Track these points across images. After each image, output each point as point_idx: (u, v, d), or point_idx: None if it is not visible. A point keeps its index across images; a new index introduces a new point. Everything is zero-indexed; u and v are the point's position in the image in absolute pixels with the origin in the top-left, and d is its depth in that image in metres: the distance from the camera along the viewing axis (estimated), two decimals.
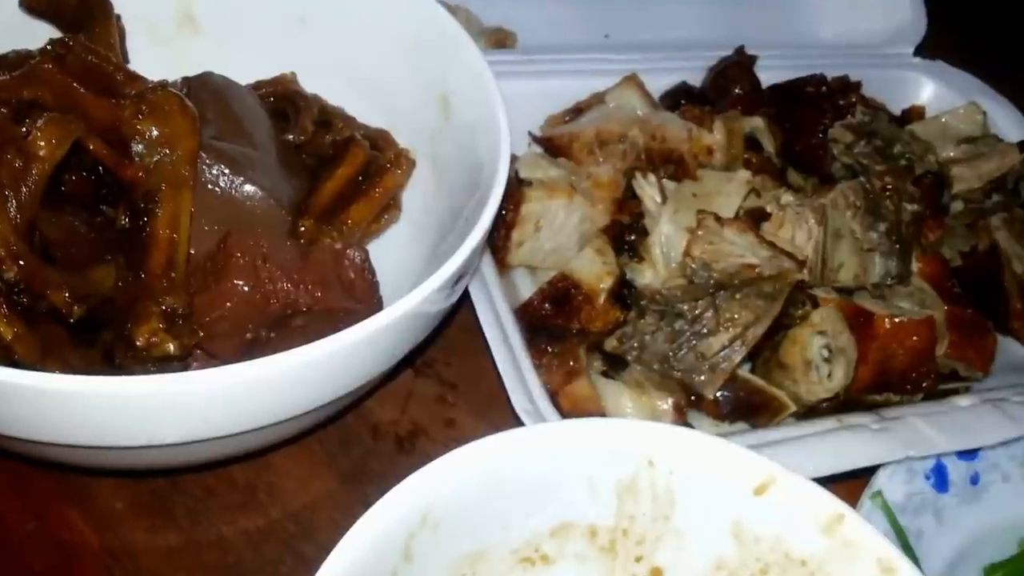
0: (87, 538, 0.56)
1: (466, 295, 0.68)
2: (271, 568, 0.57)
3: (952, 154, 0.80)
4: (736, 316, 0.65)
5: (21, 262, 0.45)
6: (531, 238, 0.71)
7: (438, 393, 0.68)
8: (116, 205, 0.52)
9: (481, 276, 0.66)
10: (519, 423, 0.60)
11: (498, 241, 0.71)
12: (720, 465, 0.52)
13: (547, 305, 0.66)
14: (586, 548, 0.54)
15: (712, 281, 0.65)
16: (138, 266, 0.49)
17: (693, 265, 0.66)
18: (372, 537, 0.46)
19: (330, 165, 0.63)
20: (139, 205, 0.50)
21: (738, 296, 0.65)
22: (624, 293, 0.69)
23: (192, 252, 0.54)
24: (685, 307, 0.65)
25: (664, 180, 0.73)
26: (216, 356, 0.53)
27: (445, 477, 0.48)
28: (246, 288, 0.51)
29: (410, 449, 0.64)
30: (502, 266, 0.71)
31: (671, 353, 0.66)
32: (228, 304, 0.52)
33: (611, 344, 0.67)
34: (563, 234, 0.72)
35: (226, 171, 0.55)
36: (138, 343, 0.47)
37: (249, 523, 0.59)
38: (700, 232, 0.67)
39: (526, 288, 0.72)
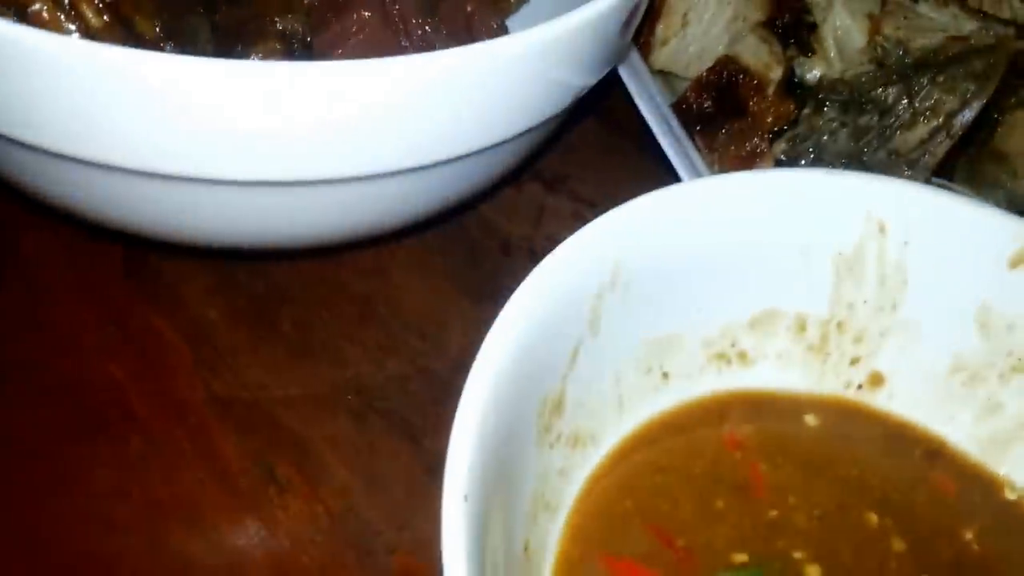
0: (177, 347, 0.48)
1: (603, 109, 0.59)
2: (397, 385, 0.48)
3: None
4: (938, 103, 0.55)
5: None
6: (677, 35, 0.62)
7: (573, 209, 0.59)
8: None
9: (632, 66, 0.57)
10: None
11: (640, 38, 0.61)
12: (968, 232, 0.42)
13: (707, 97, 0.57)
14: (791, 345, 0.45)
15: (909, 61, 0.55)
16: None
17: (885, 45, 0.56)
18: (557, 290, 0.36)
19: None
20: None
21: (940, 79, 0.55)
22: (794, 93, 0.59)
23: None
24: (877, 93, 0.55)
25: None
26: None
27: (638, 222, 0.39)
28: (373, 18, 0.42)
29: None
30: None
31: (857, 153, 0.56)
32: (353, 40, 0.42)
33: (780, 148, 0.57)
34: (711, 34, 0.63)
35: None
36: None
37: (368, 337, 0.50)
38: (889, 9, 0.57)
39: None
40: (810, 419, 0.44)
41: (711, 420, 0.43)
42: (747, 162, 0.53)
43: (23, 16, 0.41)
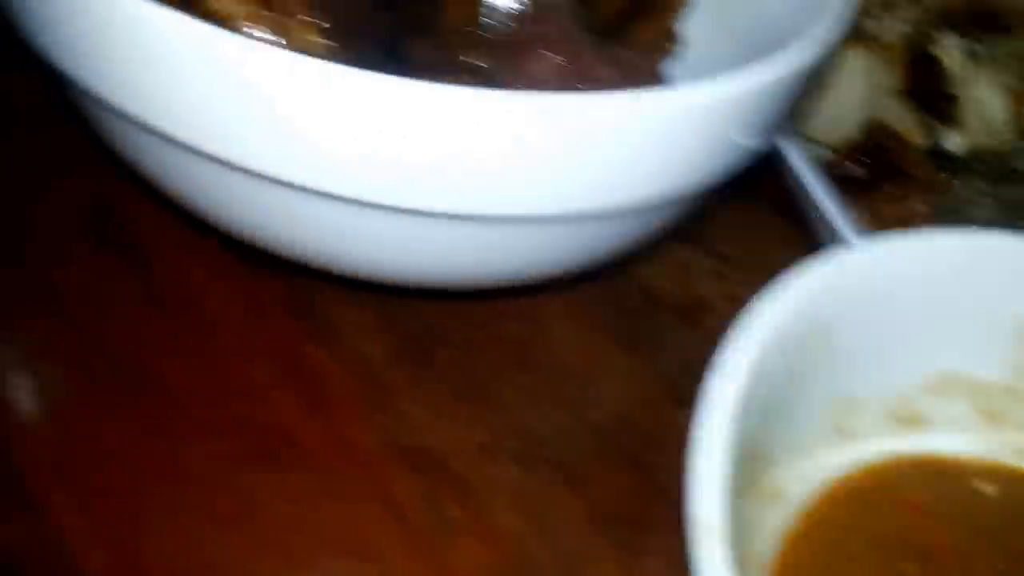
0: (342, 383, 0.48)
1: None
2: (559, 433, 0.48)
3: None
4: None
5: None
6: (816, 100, 0.63)
7: (716, 268, 0.59)
8: None
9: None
10: None
11: None
12: None
13: (857, 161, 0.57)
14: (967, 412, 0.45)
15: None
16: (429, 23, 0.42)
17: None
18: (767, 340, 0.37)
19: None
20: None
21: None
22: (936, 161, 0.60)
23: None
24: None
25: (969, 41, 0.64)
26: None
27: (834, 278, 0.40)
28: (555, 60, 0.43)
29: (694, 322, 0.56)
30: None
31: (1003, 224, 0.56)
32: (530, 81, 0.43)
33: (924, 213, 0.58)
34: (850, 100, 0.64)
35: None
36: None
37: (527, 383, 0.50)
38: None
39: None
40: (985, 487, 0.44)
41: (891, 483, 0.43)
42: (906, 224, 0.53)
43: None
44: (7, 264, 0.51)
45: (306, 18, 0.39)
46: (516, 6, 0.46)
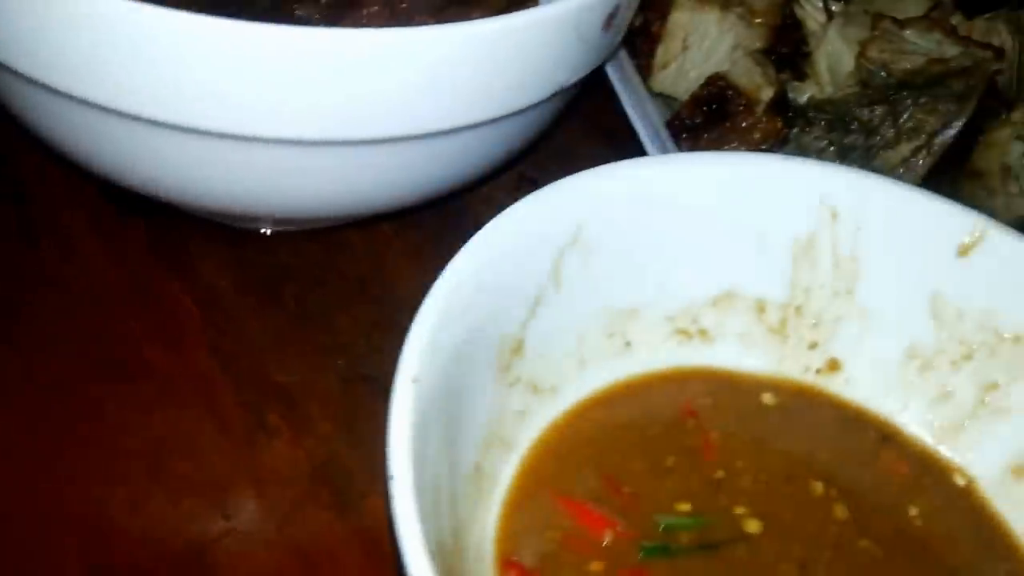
0: (189, 309, 0.53)
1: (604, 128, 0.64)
2: (383, 355, 0.52)
3: None
4: (920, 123, 0.59)
5: None
6: (676, 60, 0.67)
7: None
8: None
9: (628, 81, 0.62)
10: None
11: (641, 60, 0.66)
12: (918, 220, 0.46)
13: (698, 113, 0.61)
14: (751, 326, 0.49)
15: (892, 82, 0.60)
16: None
17: (869, 67, 0.60)
18: (521, 234, 0.41)
19: None
20: None
21: (922, 100, 0.59)
22: (785, 113, 0.64)
23: None
24: (862, 113, 0.60)
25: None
26: None
27: (601, 186, 0.44)
28: (382, 12, 0.48)
29: None
30: None
31: None
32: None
33: None
34: (712, 60, 0.68)
35: None
36: None
37: (361, 312, 0.55)
38: (876, 34, 0.61)
39: None
40: (767, 398, 0.48)
41: (670, 390, 0.47)
42: None
43: None
44: None
45: None
46: None
